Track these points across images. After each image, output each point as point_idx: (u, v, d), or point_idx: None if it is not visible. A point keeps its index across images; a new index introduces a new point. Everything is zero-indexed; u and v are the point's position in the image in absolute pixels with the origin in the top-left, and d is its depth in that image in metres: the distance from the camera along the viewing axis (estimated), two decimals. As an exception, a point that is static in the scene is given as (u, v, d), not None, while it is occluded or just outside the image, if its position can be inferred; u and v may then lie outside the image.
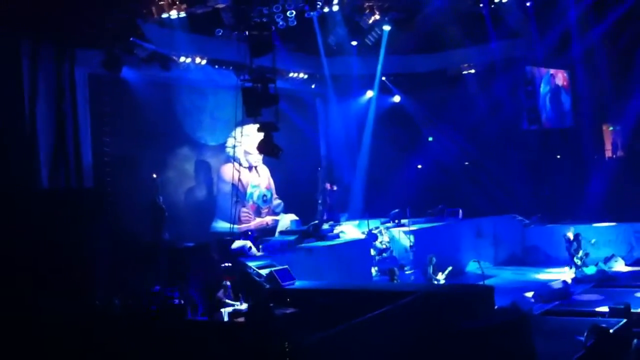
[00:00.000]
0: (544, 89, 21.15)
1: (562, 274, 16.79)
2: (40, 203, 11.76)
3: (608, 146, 22.19)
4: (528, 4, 19.30)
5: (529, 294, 14.90)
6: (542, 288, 14.95)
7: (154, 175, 15.24)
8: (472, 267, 18.14)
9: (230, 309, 11.81)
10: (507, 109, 20.85)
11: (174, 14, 14.48)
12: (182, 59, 15.97)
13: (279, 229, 17.46)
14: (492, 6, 18.73)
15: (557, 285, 14.84)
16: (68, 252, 10.99)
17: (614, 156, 21.80)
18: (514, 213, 20.87)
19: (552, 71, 21.35)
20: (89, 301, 11.18)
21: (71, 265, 10.99)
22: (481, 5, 18.75)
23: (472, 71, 21.15)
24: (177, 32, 15.33)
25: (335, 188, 19.74)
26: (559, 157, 21.80)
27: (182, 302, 11.90)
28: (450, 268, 15.73)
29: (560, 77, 21.80)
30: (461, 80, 21.50)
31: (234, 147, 17.57)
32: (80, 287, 11.06)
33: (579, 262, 16.90)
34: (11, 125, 12.79)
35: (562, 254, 17.87)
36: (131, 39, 14.31)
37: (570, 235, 17.23)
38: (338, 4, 16.85)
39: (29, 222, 10.83)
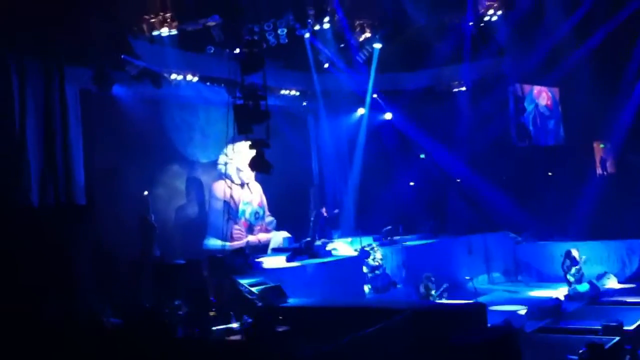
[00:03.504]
0: (528, 106, 21.28)
1: (555, 291, 16.77)
2: (29, 220, 11.68)
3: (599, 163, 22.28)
4: (515, 22, 19.44)
5: (522, 311, 14.86)
6: (535, 305, 14.92)
7: (145, 192, 15.18)
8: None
9: (222, 326, 11.70)
10: (496, 125, 20.92)
11: (164, 31, 14.48)
12: (173, 76, 15.96)
13: (271, 246, 17.39)
14: (482, 24, 18.84)
15: (549, 302, 14.80)
16: (56, 267, 10.92)
17: (604, 173, 21.87)
18: (505, 230, 20.88)
19: (535, 90, 21.50)
20: (76, 316, 11.06)
21: (58, 280, 10.91)
22: (471, 23, 18.87)
23: (463, 88, 21.24)
24: (168, 48, 15.33)
25: (326, 214, 19.62)
26: (550, 174, 21.85)
27: (173, 319, 11.78)
28: (445, 285, 15.71)
29: (545, 96, 21.93)
30: (451, 97, 21.59)
31: (226, 164, 17.53)
32: (67, 302, 10.95)
33: (572, 279, 16.90)
34: (1, 142, 12.72)
35: (554, 271, 17.87)
36: (122, 56, 14.30)
37: (575, 253, 17.18)
38: (329, 21, 16.91)
39: (18, 239, 10.75)
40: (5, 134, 12.80)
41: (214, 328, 11.51)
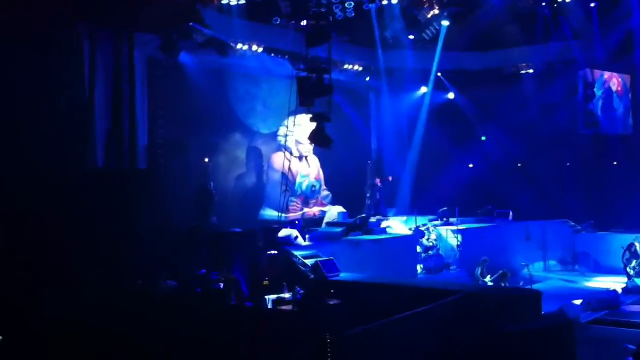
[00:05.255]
0: (597, 92, 20.64)
1: (612, 283, 16.41)
2: (94, 182, 12.00)
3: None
4: (592, 4, 18.85)
5: (578, 302, 14.59)
6: (591, 296, 14.63)
7: (206, 160, 15.40)
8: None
9: (274, 296, 11.86)
10: (562, 111, 20.41)
11: (233, 0, 14.58)
12: (239, 46, 16.05)
13: (326, 220, 17.47)
14: (555, 6, 18.33)
15: (606, 294, 14.51)
16: (118, 231, 11.20)
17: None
18: (565, 218, 20.46)
19: (606, 75, 20.80)
20: (133, 280, 11.36)
21: (119, 243, 11.19)
22: (543, 4, 18.38)
23: (531, 71, 20.76)
24: (235, 18, 15.44)
25: (380, 185, 19.61)
26: (615, 163, 21.22)
27: (226, 286, 11.99)
28: (501, 272, 15.55)
29: (615, 82, 21.20)
30: (517, 80, 21.14)
31: (286, 136, 17.62)
32: (125, 265, 11.24)
33: (631, 272, 16.50)
34: (70, 106, 13.06)
35: (614, 262, 17.46)
36: (190, 23, 14.45)
37: (638, 246, 16.75)
38: (397, -3, 16.75)
39: (83, 200, 11.06)
40: (75, 97, 13.13)
41: (266, 297, 11.68)
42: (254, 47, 16.38)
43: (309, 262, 12.68)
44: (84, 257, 10.61)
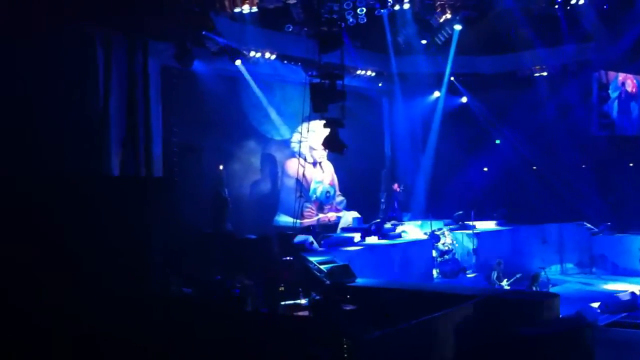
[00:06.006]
0: (612, 94, 20.52)
1: (630, 285, 16.26)
2: (110, 190, 12.06)
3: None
4: (605, 6, 18.75)
5: (595, 304, 14.48)
6: (609, 299, 14.50)
7: (220, 167, 15.47)
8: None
9: (290, 302, 11.87)
10: (576, 113, 20.31)
11: (246, 8, 14.69)
12: (252, 53, 16.13)
13: (340, 225, 17.48)
14: (568, 7, 18.25)
15: (625, 296, 14.35)
16: (134, 239, 11.24)
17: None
18: (581, 220, 20.34)
19: (621, 77, 20.66)
20: (148, 287, 11.39)
21: (135, 251, 11.23)
22: (556, 6, 18.31)
23: (545, 73, 20.67)
24: (248, 26, 15.52)
25: (399, 189, 19.63)
26: (631, 165, 21.08)
27: (243, 293, 12.01)
28: (518, 275, 15.47)
29: (630, 84, 21.06)
30: (531, 83, 21.06)
31: (300, 142, 17.66)
32: (141, 272, 11.27)
33: (649, 275, 16.39)
34: (85, 113, 13.17)
35: (631, 264, 17.33)
36: (203, 32, 14.54)
37: None
38: (409, 2, 16.75)
39: (99, 209, 11.11)
40: (90, 106, 13.24)
41: (282, 303, 11.69)
42: (267, 54, 16.44)
43: (324, 267, 12.69)
44: (98, 265, 10.66)
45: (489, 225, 19.43)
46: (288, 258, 13.19)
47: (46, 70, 11.87)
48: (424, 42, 19.58)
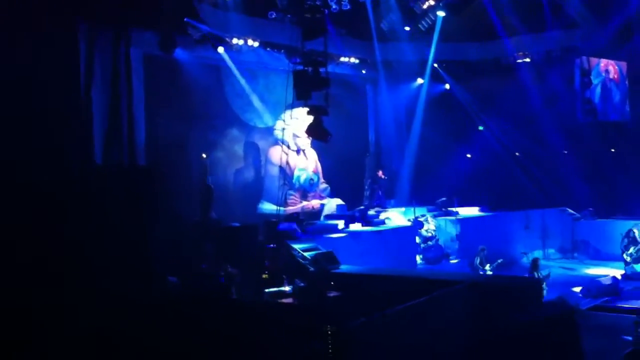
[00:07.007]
0: (594, 80, 20.63)
1: (612, 270, 16.46)
2: (94, 181, 11.97)
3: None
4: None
5: (577, 289, 14.65)
6: (591, 283, 14.68)
7: (204, 156, 15.42)
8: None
9: (274, 289, 11.90)
10: (561, 99, 20.41)
11: (229, -5, 14.58)
12: (235, 40, 16.04)
13: (324, 212, 17.50)
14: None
15: (606, 281, 14.55)
16: (123, 230, 11.18)
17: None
18: (564, 206, 20.50)
19: (602, 63, 20.76)
20: (147, 281, 11.34)
21: (127, 243, 11.17)
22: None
23: (527, 60, 20.72)
24: (231, 13, 15.42)
25: (383, 176, 19.69)
26: (613, 150, 21.24)
27: (228, 281, 12.02)
28: (500, 260, 15.58)
29: (612, 70, 21.18)
30: (514, 69, 21.11)
31: (283, 129, 17.63)
32: (137, 266, 11.22)
33: (628, 259, 16.55)
34: (68, 105, 13.02)
35: (613, 249, 17.51)
36: (185, 19, 14.42)
37: (637, 232, 16.79)
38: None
39: (84, 199, 11.04)
40: (72, 96, 13.09)
41: (266, 290, 11.72)
42: (250, 42, 16.35)
43: (308, 254, 12.70)
44: (84, 256, 10.60)
45: (472, 211, 19.52)
46: (272, 246, 13.22)
47: (28, 62, 11.71)
48: (407, 29, 19.54)
